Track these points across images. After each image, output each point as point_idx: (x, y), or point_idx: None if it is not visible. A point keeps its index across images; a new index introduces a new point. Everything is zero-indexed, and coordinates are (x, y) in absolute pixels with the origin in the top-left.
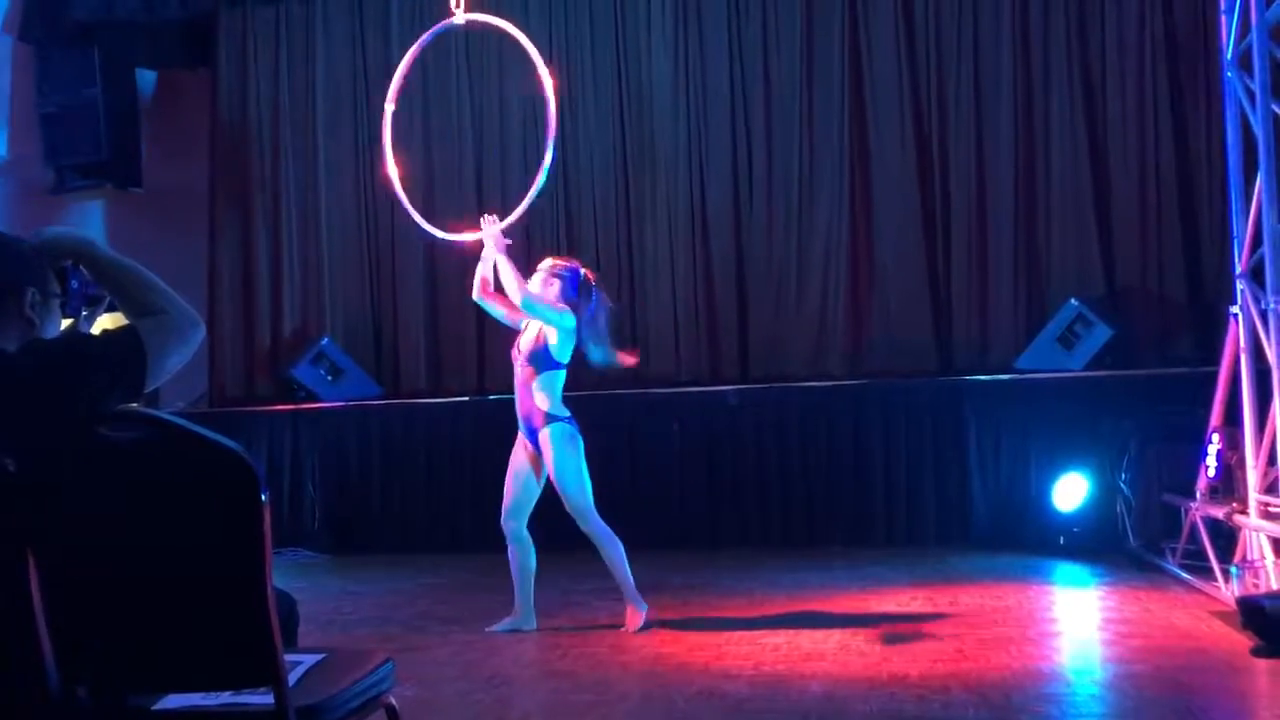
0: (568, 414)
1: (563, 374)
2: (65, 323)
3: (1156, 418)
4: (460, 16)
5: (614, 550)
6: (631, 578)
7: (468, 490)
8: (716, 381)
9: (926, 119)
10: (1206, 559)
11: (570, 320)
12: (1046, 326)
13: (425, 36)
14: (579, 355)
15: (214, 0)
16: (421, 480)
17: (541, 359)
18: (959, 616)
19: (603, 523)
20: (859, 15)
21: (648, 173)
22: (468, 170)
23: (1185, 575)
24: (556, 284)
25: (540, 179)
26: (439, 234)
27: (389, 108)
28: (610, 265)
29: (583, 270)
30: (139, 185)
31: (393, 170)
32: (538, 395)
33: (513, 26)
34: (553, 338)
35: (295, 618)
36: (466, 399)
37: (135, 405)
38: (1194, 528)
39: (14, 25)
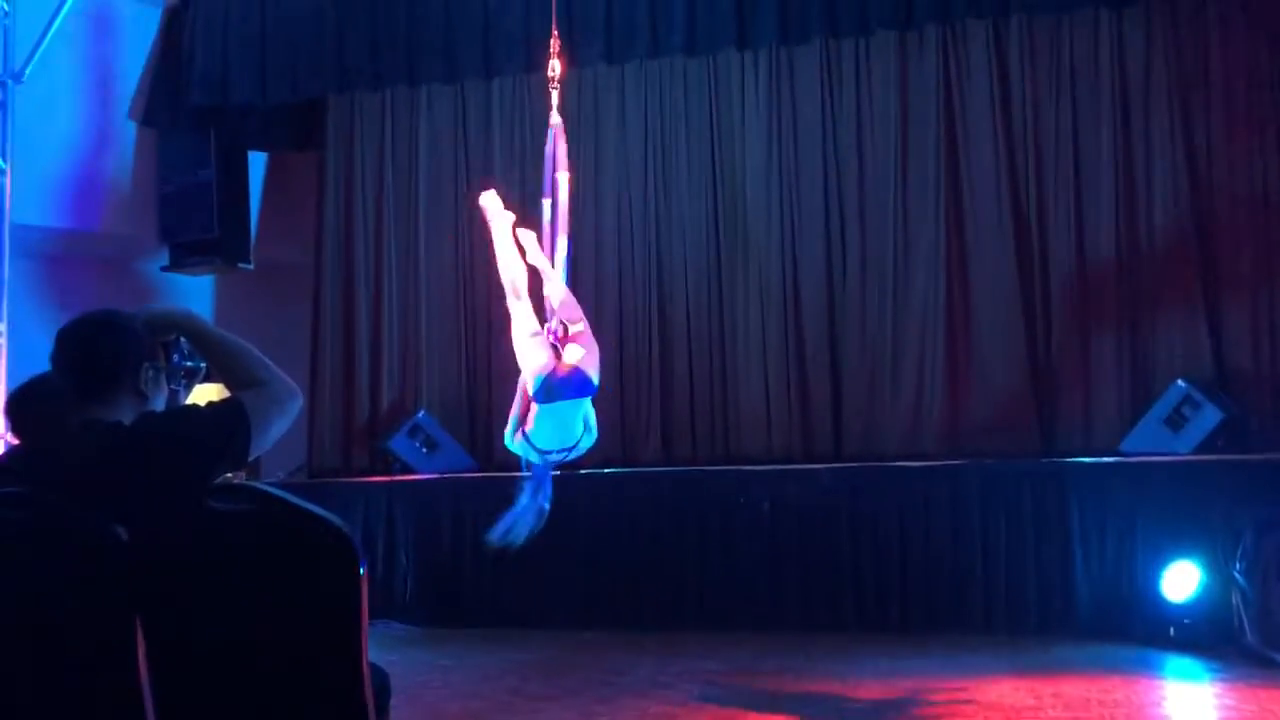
0: None
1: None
2: None
3: (1273, 505)
4: (555, 117)
5: None
6: None
7: (560, 565)
8: (809, 460)
9: (1024, 195)
10: None
11: None
12: (1152, 408)
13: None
14: None
15: (323, 86)
16: (514, 554)
17: None
18: (1064, 709)
19: None
20: (954, 93)
21: (740, 251)
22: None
23: None
24: None
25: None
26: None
27: None
28: (702, 342)
29: None
30: (248, 262)
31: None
32: None
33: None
34: None
35: (388, 692)
36: (558, 473)
37: (238, 476)
38: None
39: (138, 111)
